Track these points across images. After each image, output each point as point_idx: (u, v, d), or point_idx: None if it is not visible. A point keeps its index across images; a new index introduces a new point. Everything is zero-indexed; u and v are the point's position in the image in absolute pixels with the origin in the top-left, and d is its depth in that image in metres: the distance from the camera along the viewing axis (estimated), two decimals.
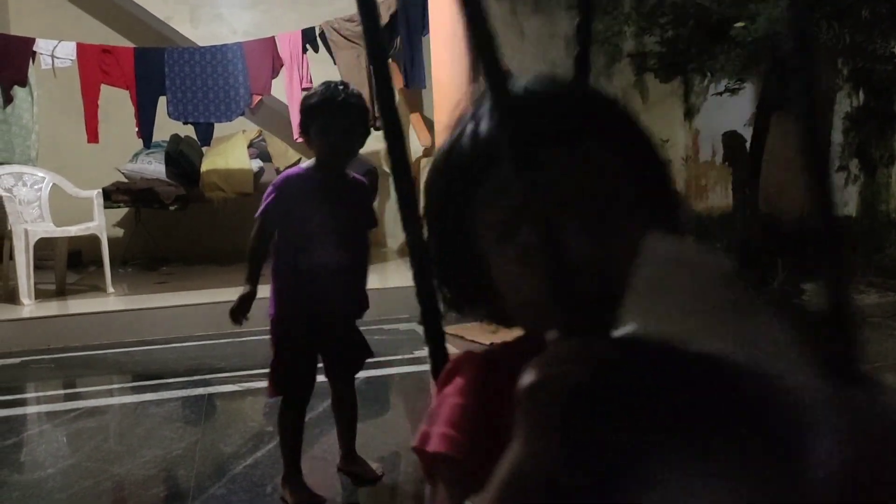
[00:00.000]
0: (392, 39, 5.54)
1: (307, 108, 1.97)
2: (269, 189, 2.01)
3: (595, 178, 0.55)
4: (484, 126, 0.58)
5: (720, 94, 6.11)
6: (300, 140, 2.08)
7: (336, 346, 2.08)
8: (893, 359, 4.42)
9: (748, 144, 6.03)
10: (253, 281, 2.00)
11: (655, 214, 0.58)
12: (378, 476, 2.15)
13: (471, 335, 3.89)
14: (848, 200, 6.54)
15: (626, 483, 0.47)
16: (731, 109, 7.51)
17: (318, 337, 2.02)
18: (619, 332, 0.47)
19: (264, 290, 2.05)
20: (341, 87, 1.96)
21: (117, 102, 5.56)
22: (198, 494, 2.06)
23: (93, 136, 5.41)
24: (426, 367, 2.47)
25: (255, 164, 6.80)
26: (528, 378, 0.48)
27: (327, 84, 1.97)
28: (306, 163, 2.09)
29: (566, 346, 0.49)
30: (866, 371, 0.58)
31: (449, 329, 2.28)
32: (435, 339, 0.72)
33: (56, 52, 5.23)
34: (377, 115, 3.08)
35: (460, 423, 0.58)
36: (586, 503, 0.49)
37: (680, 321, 0.47)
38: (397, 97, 6.28)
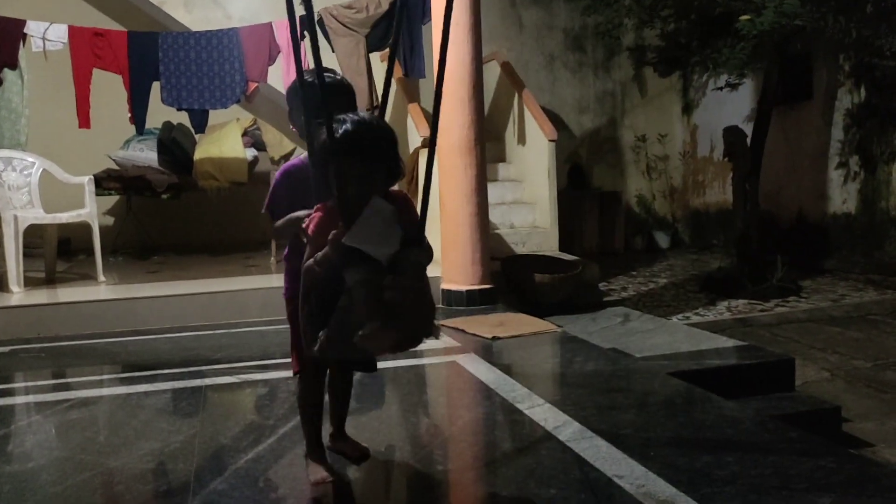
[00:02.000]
0: (391, 27, 5.45)
1: (296, 90, 1.95)
2: (273, 184, 2.03)
3: (366, 167, 1.64)
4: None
5: (720, 89, 6.05)
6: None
7: None
8: (895, 357, 4.40)
9: (749, 139, 5.97)
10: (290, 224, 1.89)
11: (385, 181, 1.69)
12: (366, 453, 2.15)
13: (472, 328, 3.85)
14: (847, 197, 6.52)
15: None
16: (730, 105, 7.49)
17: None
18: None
19: (262, 281, 1.98)
20: (331, 70, 1.97)
21: (110, 87, 5.44)
22: (199, 489, 1.98)
23: (84, 122, 5.30)
24: (422, 360, 2.52)
25: (250, 153, 6.71)
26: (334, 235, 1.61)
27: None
28: (303, 154, 2.05)
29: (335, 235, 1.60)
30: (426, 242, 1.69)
31: (449, 322, 2.65)
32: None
33: (48, 35, 5.11)
34: (376, 103, 3.13)
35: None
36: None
37: (365, 234, 1.59)
38: (395, 86, 6.20)
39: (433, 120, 1.77)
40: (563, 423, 2.38)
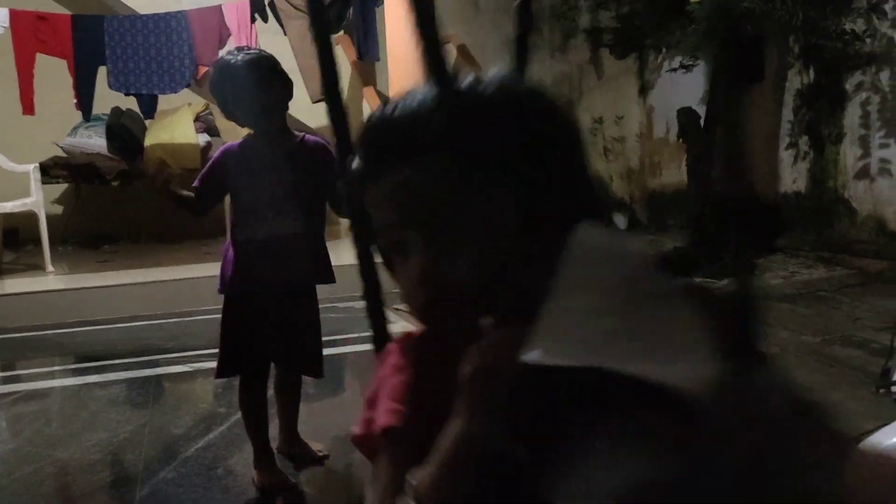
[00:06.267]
0: (345, 10, 5.39)
1: (213, 81, 1.93)
2: (211, 161, 1.99)
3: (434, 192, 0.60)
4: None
5: (675, 70, 6.11)
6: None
7: (289, 326, 1.95)
8: (841, 332, 4.52)
9: (702, 121, 6.06)
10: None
11: (567, 202, 0.61)
12: (322, 457, 2.07)
13: None
14: (797, 177, 6.64)
15: (557, 459, 0.51)
16: (686, 86, 7.55)
17: (272, 310, 1.91)
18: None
19: (218, 268, 1.95)
20: (238, 49, 1.95)
21: (55, 72, 5.29)
22: (147, 479, 1.96)
23: (28, 108, 5.14)
24: None
25: (202, 139, 6.58)
26: (473, 361, 0.53)
27: (228, 51, 1.98)
28: (245, 136, 2.01)
29: (504, 334, 0.53)
30: (763, 352, 0.60)
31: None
32: (376, 318, 0.75)
33: None
34: None
35: (403, 397, 0.62)
36: (525, 476, 0.52)
37: (596, 318, 0.51)
38: (350, 70, 6.13)
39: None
40: None
